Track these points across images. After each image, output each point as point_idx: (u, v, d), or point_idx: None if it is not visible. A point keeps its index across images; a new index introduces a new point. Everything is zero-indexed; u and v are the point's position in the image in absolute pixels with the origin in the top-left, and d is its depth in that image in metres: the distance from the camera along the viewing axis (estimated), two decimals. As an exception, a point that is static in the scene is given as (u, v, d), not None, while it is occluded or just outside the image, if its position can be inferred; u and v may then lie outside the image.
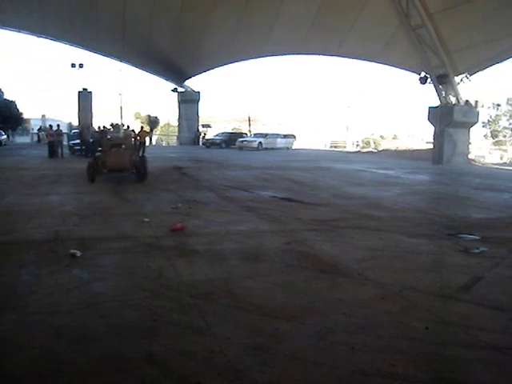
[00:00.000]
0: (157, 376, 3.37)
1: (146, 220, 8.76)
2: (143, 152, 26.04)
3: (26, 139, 49.46)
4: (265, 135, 41.48)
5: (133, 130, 30.19)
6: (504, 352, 3.83)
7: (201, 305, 4.67)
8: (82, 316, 4.36)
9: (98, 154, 17.42)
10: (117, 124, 41.75)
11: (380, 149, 46.60)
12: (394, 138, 68.80)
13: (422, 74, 28.16)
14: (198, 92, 46.20)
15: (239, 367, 3.48)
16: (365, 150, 46.62)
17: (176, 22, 31.99)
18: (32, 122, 57.09)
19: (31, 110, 64.90)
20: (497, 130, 52.17)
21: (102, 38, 34.80)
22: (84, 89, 39.15)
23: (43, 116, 55.70)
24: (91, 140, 26.75)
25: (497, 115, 51.96)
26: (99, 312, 4.44)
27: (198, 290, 5.10)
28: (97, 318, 4.32)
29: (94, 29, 33.10)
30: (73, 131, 34.53)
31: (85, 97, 38.99)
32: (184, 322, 4.26)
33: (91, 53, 39.26)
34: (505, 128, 52.19)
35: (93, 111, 39.63)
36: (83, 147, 26.86)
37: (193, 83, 45.65)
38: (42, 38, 36.89)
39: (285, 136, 43.47)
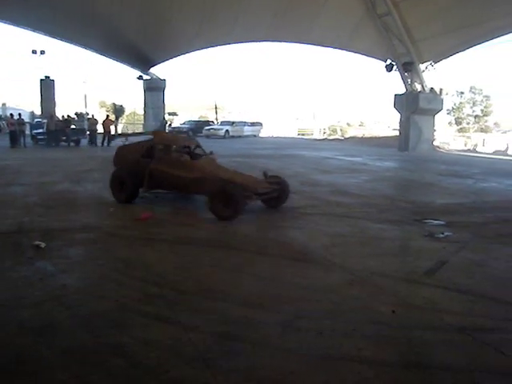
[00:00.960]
0: (124, 367, 3.33)
1: (111, 210, 8.64)
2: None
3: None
4: (232, 123, 41.33)
5: (95, 119, 29.76)
6: (468, 333, 3.90)
7: (168, 294, 4.63)
8: (47, 309, 4.27)
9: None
10: (81, 113, 41.10)
11: (347, 136, 46.89)
12: (360, 126, 69.23)
13: (388, 62, 28.43)
14: (164, 80, 45.63)
15: (208, 356, 3.46)
16: (332, 137, 46.91)
17: (141, 8, 31.45)
18: (-8, 110, 55.67)
19: (-9, 98, 63.19)
20: (460, 118, 53.00)
21: (63, 23, 33.80)
22: (46, 76, 38.25)
23: (3, 104, 54.24)
24: (54, 129, 26.25)
25: (460, 103, 52.74)
26: (65, 304, 4.36)
27: (164, 279, 5.06)
28: (62, 310, 4.24)
29: (55, 13, 32.19)
30: (35, 120, 33.76)
31: (47, 85, 38.12)
32: (151, 312, 4.22)
33: (53, 39, 38.21)
34: (468, 115, 53.06)
35: (56, 100, 38.81)
36: (45, 137, 26.35)
37: (159, 71, 45.05)
38: (0, 23, 35.77)
39: (252, 124, 43.41)
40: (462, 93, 52.23)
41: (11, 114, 27.12)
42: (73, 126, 27.91)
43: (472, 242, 6.95)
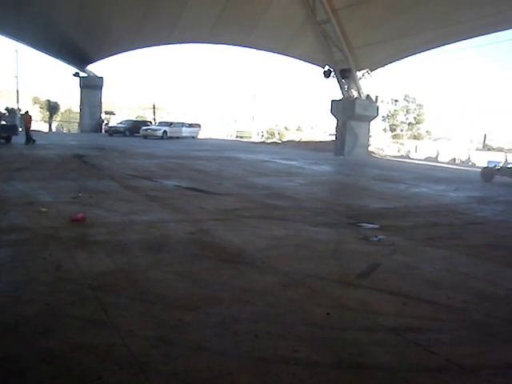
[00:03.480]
0: (55, 374, 3.21)
1: (44, 210, 8.34)
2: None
3: None
4: (170, 124, 40.95)
5: (30, 115, 28.73)
6: (399, 333, 4.02)
7: (102, 297, 4.51)
8: (-29, 313, 4.06)
9: None
10: (12, 108, 39.60)
11: (284, 140, 47.47)
12: (297, 130, 70.23)
13: (326, 68, 29.03)
14: (102, 77, 44.72)
15: (143, 359, 3.40)
16: (269, 140, 47.38)
17: (80, 2, 30.61)
18: None
19: None
20: (395, 124, 54.78)
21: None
22: (-25, 70, 36.58)
23: None
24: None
25: (395, 110, 54.54)
26: (-9, 308, 4.17)
27: (99, 281, 4.93)
28: (-12, 314, 4.05)
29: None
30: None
31: (-25, 78, 36.42)
32: (84, 316, 4.09)
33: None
34: (402, 122, 54.93)
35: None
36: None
37: (96, 68, 44.14)
38: None
39: (190, 125, 43.22)
40: (397, 101, 54.11)
41: None
42: (3, 122, 26.79)
43: (404, 245, 7.17)
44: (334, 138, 31.47)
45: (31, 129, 27.61)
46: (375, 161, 27.23)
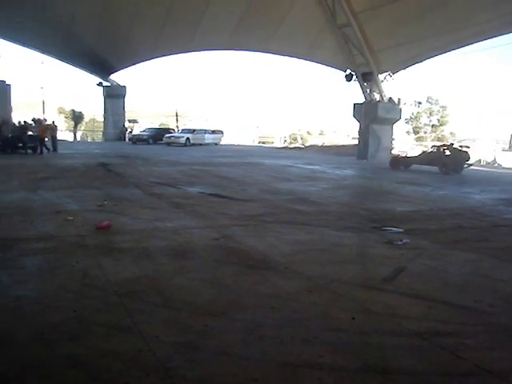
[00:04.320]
0: (83, 379, 3.26)
1: (70, 218, 8.47)
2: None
3: None
4: (192, 131, 41.17)
5: (55, 125, 29.20)
6: (425, 338, 3.98)
7: (128, 304, 4.56)
8: (1, 321, 4.15)
9: None
10: (38, 119, 40.32)
11: (307, 144, 47.40)
12: (320, 134, 70.06)
13: (348, 72, 28.92)
14: (124, 86, 45.24)
15: (168, 365, 3.42)
16: (292, 145, 47.30)
17: (102, 14, 31.07)
18: None
19: None
20: (418, 127, 54.25)
21: (21, 26, 33.11)
22: (2, 81, 37.35)
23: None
24: (10, 135, 25.61)
25: (418, 112, 54.02)
26: (20, 316, 4.24)
27: (124, 288, 4.98)
28: (17, 322, 4.12)
29: (13, 17, 31.49)
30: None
31: (3, 89, 37.14)
32: (110, 322, 4.15)
33: (10, 42, 37.36)
34: (425, 125, 54.37)
35: (12, 105, 37.90)
36: (1, 143, 25.67)
37: (119, 77, 44.68)
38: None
39: (213, 132, 43.38)
40: (420, 103, 53.57)
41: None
42: (30, 133, 27.27)
43: (429, 249, 7.10)
44: (356, 141, 31.32)
45: (58, 138, 28.09)
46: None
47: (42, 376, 3.28)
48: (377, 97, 29.01)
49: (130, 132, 47.01)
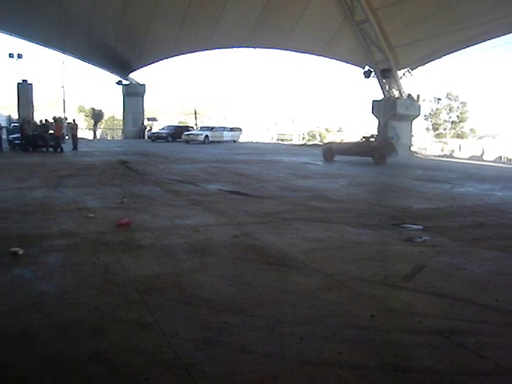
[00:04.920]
0: (104, 374, 3.30)
1: (91, 215, 8.57)
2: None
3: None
4: (211, 128, 41.29)
5: (76, 123, 29.51)
6: (446, 336, 3.95)
7: (148, 300, 4.61)
8: (24, 317, 4.21)
9: None
10: (59, 117, 40.77)
11: (325, 141, 47.19)
12: (338, 131, 69.73)
13: (366, 68, 28.77)
14: (144, 85, 45.56)
15: (188, 362, 3.45)
16: (310, 142, 47.13)
17: (120, 13, 31.33)
18: (-32, 115, 54.73)
19: (-33, 102, 62.22)
20: (437, 123, 53.81)
21: (41, 27, 33.64)
22: (24, 80, 37.86)
23: (-20, 109, 53.55)
24: (32, 133, 25.95)
25: (437, 109, 53.58)
26: (43, 312, 4.31)
27: (145, 285, 5.03)
28: (41, 317, 4.19)
29: (33, 18, 31.93)
30: (12, 125, 33.36)
31: (25, 89, 37.71)
32: (131, 319, 4.19)
33: (31, 43, 37.88)
34: (445, 121, 53.89)
35: (34, 104, 38.38)
36: (23, 141, 26.02)
37: (138, 76, 45.06)
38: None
39: (231, 129, 43.44)
40: (439, 99, 53.10)
41: (-13, 119, 26.78)
42: (51, 131, 27.61)
43: (449, 246, 7.04)
44: (375, 138, 31.16)
45: (78, 136, 28.38)
46: (418, 161, 26.81)
47: (65, 371, 3.33)
48: (396, 93, 28.81)
49: (149, 130, 47.29)
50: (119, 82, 44.55)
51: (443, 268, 5.95)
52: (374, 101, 29.26)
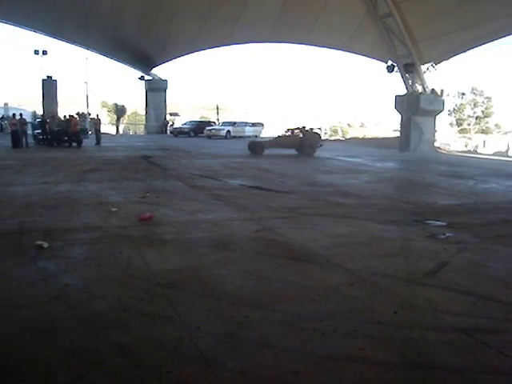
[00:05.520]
0: (127, 366, 3.33)
1: (114, 210, 8.65)
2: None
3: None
4: (233, 123, 41.33)
5: (99, 119, 29.83)
6: (469, 334, 3.91)
7: (170, 294, 4.64)
8: (49, 308, 4.28)
9: None
10: (83, 113, 41.20)
11: (347, 137, 46.98)
12: (361, 126, 69.32)
13: (389, 63, 28.47)
14: (166, 80, 45.76)
15: (210, 355, 3.47)
16: (332, 138, 46.89)
17: (143, 8, 31.51)
18: (-6, 110, 55.56)
19: (-7, 98, 63.18)
20: (461, 119, 53.10)
21: (65, 24, 34.03)
22: (48, 77, 38.33)
23: (6, 104, 54.23)
24: (56, 129, 26.26)
25: (461, 104, 52.86)
26: (67, 304, 4.37)
27: (167, 279, 5.07)
28: (65, 310, 4.25)
29: (57, 15, 32.30)
30: (37, 120, 33.81)
31: (49, 85, 38.19)
32: (153, 312, 4.23)
33: (55, 39, 38.38)
34: (469, 116, 53.16)
35: (58, 100, 38.84)
36: (48, 136, 26.35)
37: (160, 71, 45.21)
38: (2, 23, 35.83)
39: (253, 124, 43.40)
40: (464, 94, 52.35)
41: (13, 114, 27.14)
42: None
43: (473, 243, 6.96)
44: (398, 134, 30.83)
45: (101, 131, 28.66)
46: (441, 156, 26.50)
47: (89, 362, 3.37)
48: (419, 88, 28.47)
49: (172, 125, 47.52)
50: (142, 78, 44.82)
51: (467, 265, 5.89)
52: (396, 96, 28.97)
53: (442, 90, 29.22)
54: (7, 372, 3.27)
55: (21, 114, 26.46)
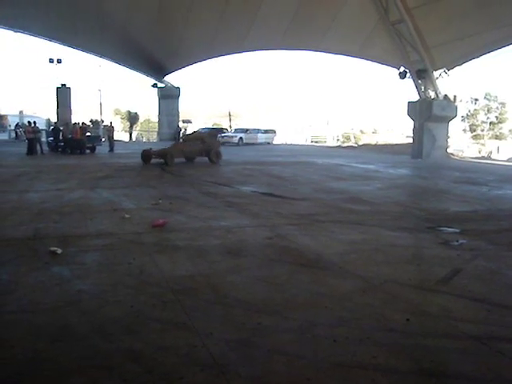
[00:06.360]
0: (139, 372, 3.35)
1: (127, 216, 8.70)
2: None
3: (3, 136, 48.65)
4: (245, 130, 41.44)
5: (112, 126, 30.07)
6: (483, 342, 3.88)
7: (183, 300, 4.66)
8: (62, 314, 4.32)
9: None
10: (96, 120, 41.52)
11: (360, 143, 46.82)
12: (373, 133, 69.00)
13: (402, 69, 28.36)
14: (178, 87, 45.95)
15: (222, 362, 3.48)
16: (345, 144, 46.79)
17: (155, 17, 31.72)
18: (9, 118, 56.01)
19: (8, 106, 63.84)
20: (475, 124, 52.67)
21: (79, 32, 34.36)
22: (62, 84, 38.71)
23: (21, 112, 54.87)
24: (70, 136, 26.48)
25: (475, 109, 52.45)
26: (80, 310, 4.41)
27: (180, 285, 5.09)
28: (78, 315, 4.29)
29: (72, 23, 32.68)
30: (50, 128, 34.14)
31: (63, 93, 38.56)
32: (166, 318, 4.25)
33: (69, 48, 38.80)
34: (483, 122, 52.71)
35: (72, 107, 39.21)
36: (61, 143, 26.57)
37: (173, 78, 45.39)
38: (18, 33, 36.33)
39: (265, 131, 43.48)
40: (477, 100, 51.92)
41: (29, 122, 27.42)
42: (88, 134, 28.16)
43: (487, 250, 6.91)
44: (411, 140, 30.68)
45: (114, 138, 28.85)
46: (454, 163, 26.32)
47: (102, 367, 3.40)
48: (432, 94, 28.33)
49: (184, 132, 47.71)
50: (154, 85, 45.05)
51: (480, 272, 5.85)
52: (409, 102, 28.84)
53: (454, 96, 29.06)
54: (23, 375, 3.31)
55: (34, 122, 26.72)
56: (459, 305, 4.73)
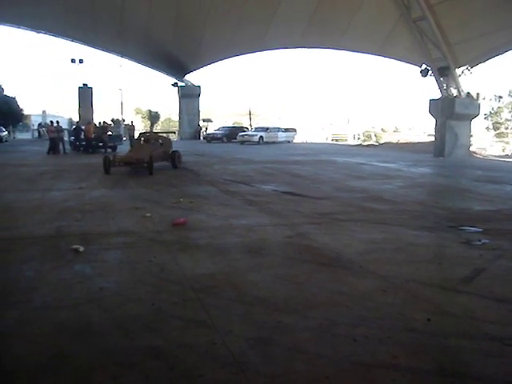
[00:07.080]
0: (160, 369, 3.38)
1: (148, 215, 8.77)
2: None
3: (26, 135, 49.38)
4: (266, 129, 41.40)
5: (133, 125, 30.31)
6: (506, 343, 3.83)
7: (203, 298, 4.68)
8: (85, 311, 4.38)
9: None
10: (117, 119, 41.90)
11: (381, 142, 46.49)
12: (395, 131, 68.47)
13: (423, 67, 28.06)
14: (199, 86, 46.14)
15: (242, 360, 3.49)
16: (366, 143, 46.50)
17: (176, 17, 31.92)
18: (32, 118, 56.84)
19: (31, 106, 64.77)
20: (498, 122, 51.85)
21: (101, 33, 34.78)
22: (84, 84, 39.20)
23: (44, 112, 55.69)
24: (93, 135, 26.77)
25: (499, 107, 51.61)
26: (102, 307, 4.46)
27: (200, 283, 5.12)
28: (100, 312, 4.34)
29: (93, 24, 33.07)
30: (72, 127, 34.55)
31: (85, 93, 39.06)
32: (187, 316, 4.28)
33: (91, 48, 39.29)
34: (507, 120, 51.85)
35: (93, 107, 39.65)
36: (83, 143, 26.86)
37: (193, 77, 45.61)
38: (41, 34, 36.85)
39: (286, 130, 43.39)
40: (501, 97, 51.05)
41: (51, 122, 27.81)
42: (109, 133, 28.43)
43: (510, 250, 6.81)
44: (433, 138, 30.38)
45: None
46: (477, 161, 26.00)
47: (123, 364, 3.44)
48: (454, 92, 28.01)
49: (205, 131, 47.88)
50: (175, 84, 45.30)
51: (503, 272, 5.77)
52: (431, 100, 28.56)
53: (477, 94, 28.68)
54: (46, 371, 3.36)
55: (57, 122, 27.07)
56: (482, 305, 4.67)
